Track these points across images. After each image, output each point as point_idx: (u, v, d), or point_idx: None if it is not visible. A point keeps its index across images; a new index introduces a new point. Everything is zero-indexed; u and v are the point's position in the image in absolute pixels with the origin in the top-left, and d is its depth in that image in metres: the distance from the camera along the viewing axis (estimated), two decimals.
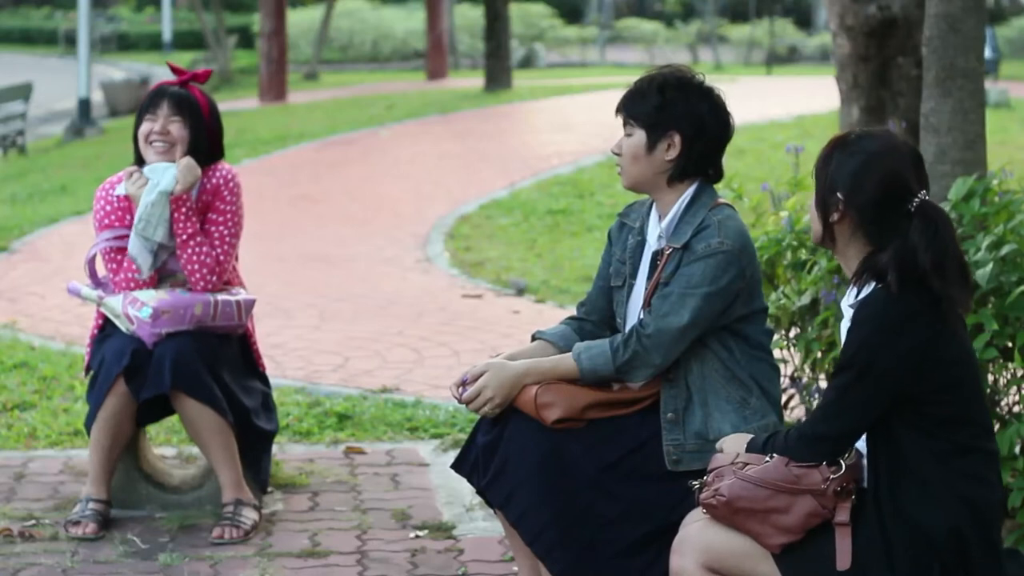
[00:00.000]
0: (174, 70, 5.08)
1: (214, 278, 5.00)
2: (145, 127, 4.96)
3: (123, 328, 4.95)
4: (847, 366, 3.30)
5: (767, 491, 3.32)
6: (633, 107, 3.91)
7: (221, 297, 5.02)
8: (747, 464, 3.38)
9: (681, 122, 3.88)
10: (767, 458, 3.37)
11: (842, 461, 3.33)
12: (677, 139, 3.88)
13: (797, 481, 3.31)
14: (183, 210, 4.94)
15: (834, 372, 3.36)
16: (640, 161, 3.89)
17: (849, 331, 3.34)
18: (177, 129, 4.94)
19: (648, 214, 3.99)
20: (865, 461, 3.37)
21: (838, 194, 3.37)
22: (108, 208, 5.01)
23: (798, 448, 3.36)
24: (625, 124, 3.92)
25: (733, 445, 3.54)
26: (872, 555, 3.26)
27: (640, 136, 3.89)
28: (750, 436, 3.54)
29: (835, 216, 3.38)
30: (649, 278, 3.91)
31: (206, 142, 5.00)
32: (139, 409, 4.94)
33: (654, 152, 3.88)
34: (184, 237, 4.96)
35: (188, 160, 4.93)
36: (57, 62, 40.91)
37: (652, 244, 3.95)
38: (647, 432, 3.85)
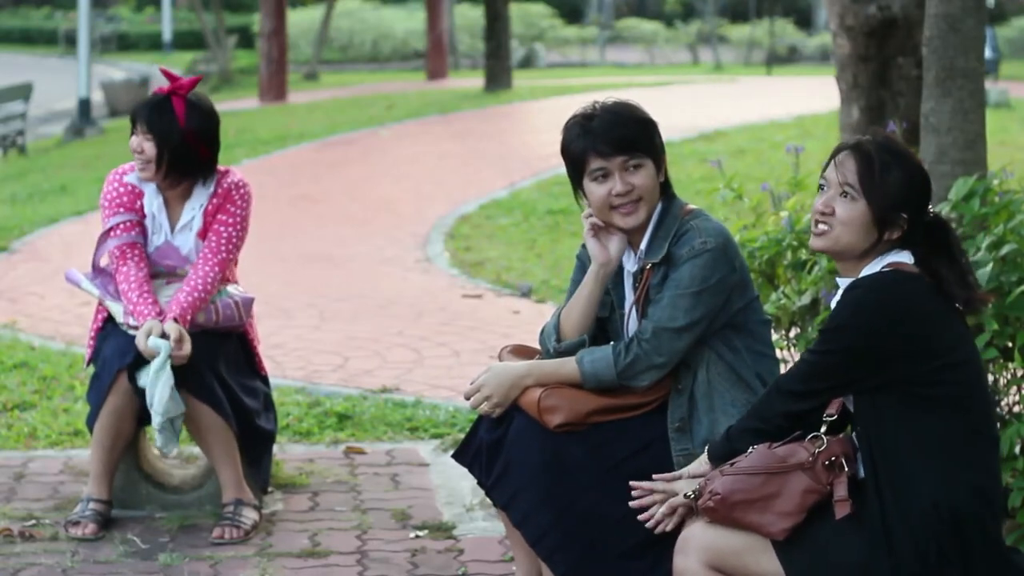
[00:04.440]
0: (166, 75, 5.09)
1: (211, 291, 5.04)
2: (131, 142, 5.02)
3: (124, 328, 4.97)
4: (827, 334, 3.36)
5: (759, 478, 3.36)
6: (638, 140, 3.85)
7: (220, 300, 5.03)
8: (733, 462, 3.41)
9: (662, 140, 3.93)
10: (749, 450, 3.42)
11: (824, 437, 3.36)
12: (664, 159, 3.93)
13: (785, 460, 3.36)
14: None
15: (817, 337, 3.41)
16: (656, 189, 3.90)
17: (838, 303, 3.39)
18: (149, 147, 4.96)
19: None
20: (859, 453, 3.39)
21: (903, 213, 3.40)
22: (117, 192, 5.06)
23: (770, 399, 3.47)
24: (631, 158, 3.84)
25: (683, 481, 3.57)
26: (873, 538, 3.27)
27: (651, 165, 3.88)
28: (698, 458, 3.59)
29: (896, 233, 3.41)
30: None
31: (182, 150, 4.96)
32: (140, 408, 4.95)
33: (658, 177, 3.91)
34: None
35: (176, 337, 4.84)
36: (57, 62, 40.90)
37: (630, 269, 3.96)
38: (651, 434, 3.85)
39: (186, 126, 4.95)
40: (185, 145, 4.96)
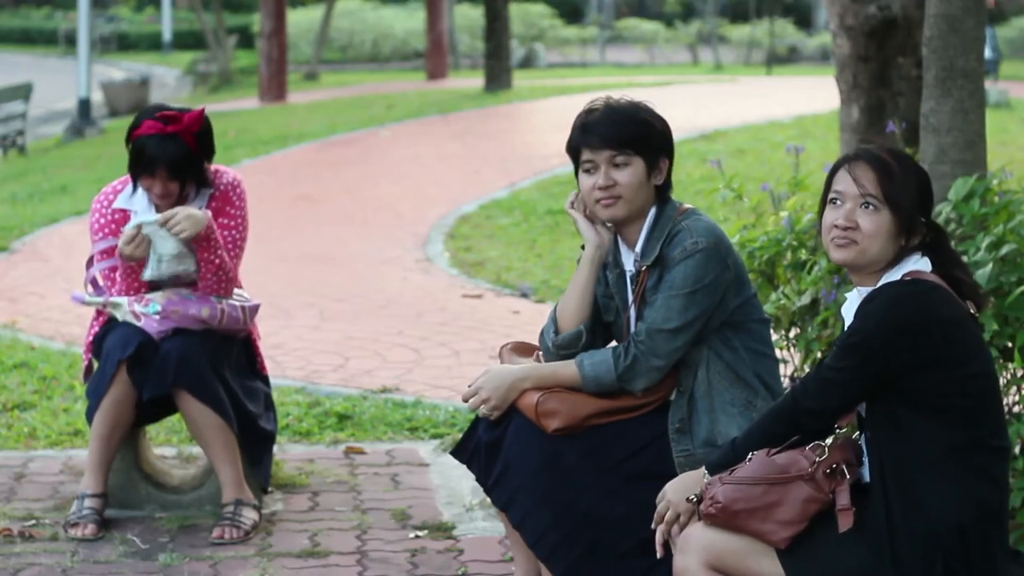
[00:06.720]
0: (165, 117, 4.94)
1: (226, 285, 5.03)
2: (144, 183, 4.96)
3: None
4: (848, 350, 3.30)
5: (759, 487, 3.33)
6: (630, 138, 3.86)
7: (227, 303, 5.03)
8: (733, 470, 3.39)
9: (668, 144, 3.93)
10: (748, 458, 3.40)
11: (825, 445, 3.34)
12: (665, 163, 3.93)
13: (786, 470, 3.33)
14: (210, 242, 4.95)
15: (835, 352, 3.35)
16: (643, 189, 3.90)
17: (856, 315, 3.34)
18: (174, 186, 4.96)
19: (617, 246, 4.00)
20: (866, 459, 3.38)
21: (922, 219, 3.38)
22: (103, 220, 5.04)
23: (783, 416, 3.40)
24: (618, 154, 3.86)
25: (677, 489, 3.51)
26: (877, 548, 3.27)
27: (640, 165, 3.89)
28: (695, 472, 3.53)
29: (916, 240, 3.39)
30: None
31: (199, 173, 5.00)
32: (142, 408, 4.95)
33: (650, 179, 3.90)
34: (214, 263, 4.98)
35: (186, 211, 4.88)
36: (57, 62, 40.90)
37: (630, 270, 3.97)
38: (651, 434, 3.86)
39: (199, 155, 4.98)
40: (200, 168, 5.00)
